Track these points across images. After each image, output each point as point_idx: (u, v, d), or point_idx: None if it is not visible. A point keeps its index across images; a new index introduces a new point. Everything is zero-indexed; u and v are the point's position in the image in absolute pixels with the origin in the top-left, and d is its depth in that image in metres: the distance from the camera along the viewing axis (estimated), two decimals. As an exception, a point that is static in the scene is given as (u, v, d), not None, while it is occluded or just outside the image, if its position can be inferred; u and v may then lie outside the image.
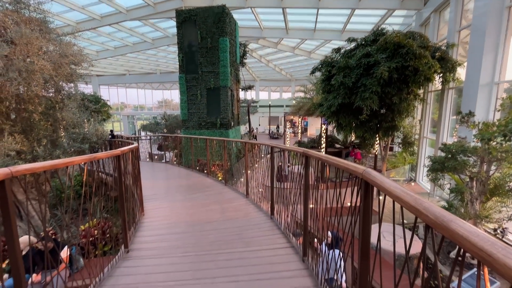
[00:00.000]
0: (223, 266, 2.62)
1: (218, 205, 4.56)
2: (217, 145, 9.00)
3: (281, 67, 27.92)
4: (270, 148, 3.69)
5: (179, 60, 12.01)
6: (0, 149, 5.35)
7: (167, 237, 3.32)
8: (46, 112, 6.25)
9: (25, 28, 5.40)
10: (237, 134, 13.63)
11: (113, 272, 2.50)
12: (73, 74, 6.51)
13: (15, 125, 5.97)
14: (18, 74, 5.03)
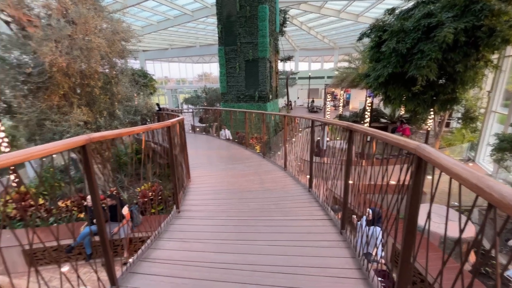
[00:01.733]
0: (263, 231, 2.81)
1: (257, 176, 4.75)
2: (256, 118, 9.09)
3: (324, 34, 25.84)
4: (310, 122, 3.61)
5: (218, 32, 11.93)
6: (72, 119, 6.22)
7: (211, 202, 3.64)
8: (104, 87, 6.93)
9: (82, 8, 5.86)
10: (275, 108, 13.51)
11: (168, 227, 2.87)
12: (124, 50, 6.99)
13: (81, 99, 6.80)
14: (80, 52, 5.60)
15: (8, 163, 1.10)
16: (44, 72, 5.80)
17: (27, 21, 6.12)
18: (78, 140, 1.50)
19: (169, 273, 2.14)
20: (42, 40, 5.48)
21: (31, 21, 6.12)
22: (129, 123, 7.94)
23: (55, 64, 5.52)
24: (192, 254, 2.39)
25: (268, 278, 2.03)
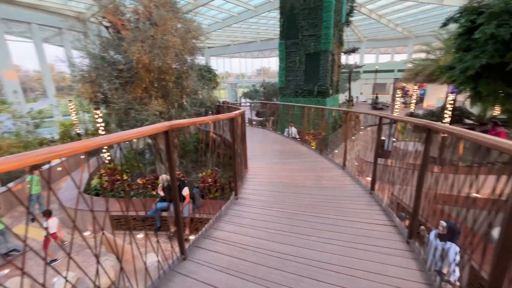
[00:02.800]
0: (318, 228, 2.76)
1: (313, 172, 4.65)
2: (314, 113, 8.84)
3: (397, 22, 23.08)
4: (378, 119, 3.32)
5: (280, 26, 11.90)
6: (150, 109, 7.20)
7: (266, 193, 3.74)
8: (176, 81, 7.75)
9: (163, 10, 6.64)
10: (335, 103, 12.84)
11: (227, 211, 3.09)
12: (194, 48, 7.66)
13: (158, 92, 7.78)
14: (159, 50, 6.38)
15: (118, 140, 1.36)
16: (132, 69, 6.83)
17: (121, 25, 7.26)
18: (162, 126, 1.73)
19: (228, 252, 2.31)
20: (131, 41, 6.45)
21: (124, 25, 7.24)
22: (194, 114, 8.73)
23: (140, 61, 6.43)
24: (248, 239, 2.52)
25: (323, 275, 2.00)
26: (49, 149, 1.14)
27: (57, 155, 1.16)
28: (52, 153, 1.14)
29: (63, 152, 1.17)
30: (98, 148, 1.31)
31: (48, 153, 1.13)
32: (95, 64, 7.39)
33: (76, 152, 1.23)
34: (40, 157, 1.09)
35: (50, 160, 1.12)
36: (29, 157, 1.06)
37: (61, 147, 1.18)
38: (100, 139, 1.33)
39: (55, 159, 1.12)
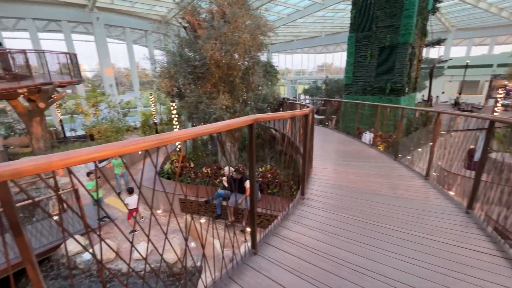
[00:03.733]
0: (396, 243, 2.43)
1: (387, 179, 4.16)
2: (391, 113, 7.96)
3: (503, 5, 18.83)
4: (487, 123, 2.71)
5: (351, 18, 11.05)
6: (218, 103, 7.63)
7: (334, 196, 3.50)
8: (243, 77, 8.00)
9: (235, 8, 6.89)
10: (411, 103, 11.32)
11: (294, 211, 3.01)
12: (262, 44, 7.74)
13: (225, 87, 8.19)
14: (230, 46, 6.65)
15: (212, 131, 1.40)
16: (205, 65, 7.34)
17: (197, 25, 7.85)
18: (248, 119, 1.74)
19: (297, 254, 2.23)
20: (206, 39, 6.90)
21: (200, 24, 7.80)
22: (257, 110, 8.90)
23: (213, 57, 6.84)
24: (318, 243, 2.38)
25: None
26: (158, 136, 1.23)
27: (164, 141, 1.25)
28: (160, 140, 1.23)
29: (169, 139, 1.26)
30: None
31: (157, 140, 1.22)
32: (174, 61, 8.21)
33: (179, 140, 1.31)
34: (151, 143, 1.19)
35: (159, 146, 1.21)
36: (144, 142, 1.16)
37: (167, 135, 1.26)
38: (197, 129, 1.39)
39: (162, 145, 1.21)
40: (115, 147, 1.09)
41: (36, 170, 0.89)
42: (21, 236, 0.93)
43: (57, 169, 0.93)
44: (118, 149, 1.10)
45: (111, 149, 1.07)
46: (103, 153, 1.04)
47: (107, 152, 1.06)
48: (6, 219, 0.90)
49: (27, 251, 0.95)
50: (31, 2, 14.27)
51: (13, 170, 0.84)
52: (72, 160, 0.95)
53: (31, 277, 0.99)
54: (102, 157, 1.05)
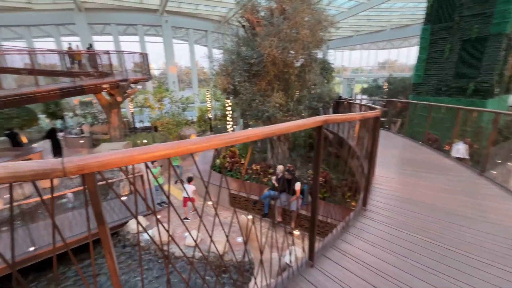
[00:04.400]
0: (491, 282, 1.95)
1: (472, 198, 3.46)
2: (466, 119, 6.74)
3: None
4: None
5: (427, 7, 9.68)
6: (272, 101, 7.57)
7: (401, 211, 3.06)
8: (299, 75, 7.74)
9: (296, 2, 6.67)
10: (502, 106, 9.38)
11: (354, 223, 2.71)
12: (321, 40, 7.35)
13: (280, 85, 8.06)
14: (288, 43, 6.48)
15: (280, 131, 1.29)
16: (261, 62, 7.34)
17: (256, 22, 7.89)
18: (318, 120, 1.57)
19: (359, 273, 1.97)
20: (264, 36, 6.87)
21: (259, 22, 7.82)
22: (310, 109, 8.54)
23: (270, 55, 6.78)
24: (385, 266, 2.08)
25: None
26: (229, 135, 1.18)
27: (235, 140, 1.19)
28: (232, 139, 1.17)
29: (239, 138, 1.20)
30: (224, 130, 1.30)
31: (228, 139, 1.16)
32: (231, 59, 8.45)
33: (249, 139, 1.24)
34: (223, 142, 1.14)
35: (233, 144, 1.16)
36: (216, 140, 1.12)
37: (238, 134, 1.20)
38: (263, 130, 1.29)
39: (236, 143, 1.16)
40: (188, 144, 1.07)
41: (120, 163, 0.91)
42: (103, 225, 0.97)
43: (137, 163, 0.94)
44: (191, 146, 1.07)
45: (184, 146, 1.05)
46: (178, 149, 1.03)
47: (181, 149, 1.04)
48: (92, 208, 0.95)
49: (107, 240, 0.99)
50: (115, 9, 16.53)
51: (100, 163, 0.86)
52: (151, 155, 0.95)
53: (108, 264, 1.03)
54: (176, 154, 1.04)
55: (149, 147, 0.94)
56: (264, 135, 1.27)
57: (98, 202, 0.92)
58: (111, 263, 1.02)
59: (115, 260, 1.03)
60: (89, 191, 0.90)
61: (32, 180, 0.79)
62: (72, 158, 0.83)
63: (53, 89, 8.49)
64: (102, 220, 0.96)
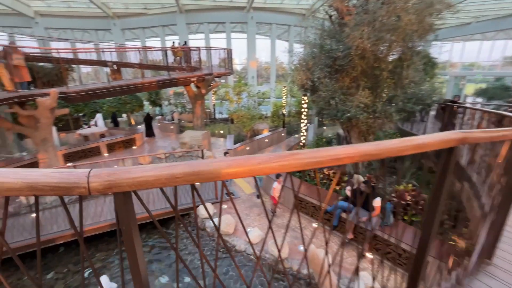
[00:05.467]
0: None
1: None
2: None
3: None
4: None
5: None
6: (355, 101, 6.65)
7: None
8: (393, 70, 6.51)
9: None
10: None
11: (468, 281, 1.90)
12: (431, 27, 5.91)
13: (367, 82, 7.00)
14: (385, 33, 5.45)
15: (381, 155, 0.81)
16: (347, 56, 6.50)
17: (346, 11, 7.02)
18: (450, 138, 1.00)
19: None
20: (355, 26, 6.01)
21: (349, 10, 6.93)
22: (403, 112, 7.14)
23: (359, 47, 5.89)
24: None
25: None
26: (323, 153, 0.80)
27: (331, 159, 0.80)
28: (317, 159, 0.79)
29: (335, 157, 0.80)
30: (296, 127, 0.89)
31: (318, 158, 0.79)
32: (313, 53, 7.86)
33: (348, 161, 0.83)
34: (308, 161, 0.77)
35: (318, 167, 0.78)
36: (295, 158, 0.76)
37: (331, 152, 0.81)
38: (371, 148, 0.85)
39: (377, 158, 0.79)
40: (278, 159, 0.75)
41: (157, 183, 0.67)
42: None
43: (178, 184, 0.68)
44: (281, 161, 0.75)
45: (225, 168, 0.74)
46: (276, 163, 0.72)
47: (224, 172, 0.73)
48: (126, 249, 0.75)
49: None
50: (208, 9, 18.11)
51: (133, 180, 0.63)
52: (195, 177, 0.68)
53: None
54: (275, 171, 0.74)
55: (232, 162, 0.67)
56: (372, 155, 0.84)
57: (132, 238, 0.71)
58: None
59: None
60: (118, 213, 0.69)
61: (53, 195, 0.62)
62: (101, 171, 0.63)
63: (154, 81, 9.89)
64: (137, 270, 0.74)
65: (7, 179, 0.58)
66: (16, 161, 8.85)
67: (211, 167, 0.70)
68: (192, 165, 0.68)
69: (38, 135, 7.56)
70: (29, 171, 0.59)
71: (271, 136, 12.88)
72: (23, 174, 0.59)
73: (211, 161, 0.71)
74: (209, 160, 0.71)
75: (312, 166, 0.81)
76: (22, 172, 0.59)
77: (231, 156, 7.93)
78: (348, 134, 8.59)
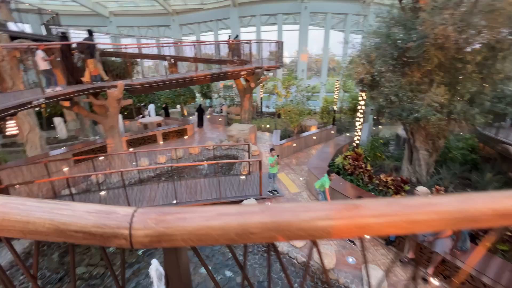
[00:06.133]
0: None
1: None
2: None
3: None
4: None
5: None
6: (427, 99, 5.68)
7: None
8: (483, 63, 5.34)
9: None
10: None
11: None
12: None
13: (444, 77, 5.91)
14: (480, 16, 4.43)
15: None
16: (421, 46, 5.55)
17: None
18: None
19: None
20: (434, 10, 5.06)
21: (427, -9, 5.88)
22: (491, 114, 5.87)
23: (439, 35, 4.94)
24: None
25: None
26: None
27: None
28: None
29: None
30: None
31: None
32: (376, 44, 7.00)
33: None
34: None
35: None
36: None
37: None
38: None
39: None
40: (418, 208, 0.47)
41: (221, 239, 0.45)
42: None
43: (327, 237, 0.44)
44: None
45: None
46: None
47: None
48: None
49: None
50: (261, 2, 17.87)
51: (190, 233, 0.43)
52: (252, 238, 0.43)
53: None
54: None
55: (283, 213, 0.42)
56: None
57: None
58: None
59: None
60: (168, 273, 0.49)
61: (86, 243, 0.45)
62: (149, 214, 0.44)
63: (207, 74, 10.18)
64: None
65: (32, 218, 0.42)
66: (91, 144, 10.14)
67: (301, 217, 0.45)
68: (273, 213, 0.44)
69: (107, 123, 8.48)
70: (60, 207, 0.43)
71: (320, 133, 12.21)
72: (51, 212, 0.43)
73: (301, 207, 0.46)
74: (298, 205, 0.47)
75: (461, 224, 0.50)
76: (51, 208, 0.43)
77: (276, 154, 7.62)
78: (412, 137, 7.52)
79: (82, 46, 8.20)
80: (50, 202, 0.45)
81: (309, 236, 0.45)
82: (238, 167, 9.70)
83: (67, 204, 0.45)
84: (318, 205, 0.47)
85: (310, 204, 0.47)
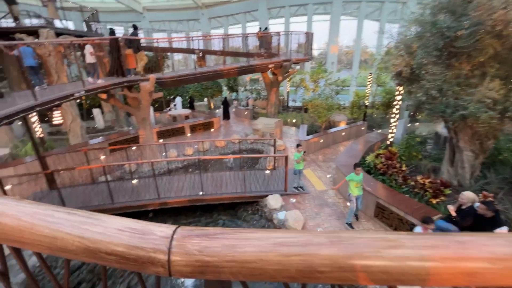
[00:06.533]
0: None
1: None
2: None
3: None
4: None
5: None
6: (477, 94, 5.08)
7: None
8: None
9: None
10: None
11: None
12: None
13: (499, 69, 5.23)
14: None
15: None
16: (473, 34, 4.94)
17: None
18: None
19: None
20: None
21: (484, -29, 5.17)
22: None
23: (498, 21, 4.34)
24: None
25: None
26: None
27: None
28: None
29: None
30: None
31: None
32: (418, 33, 6.39)
33: None
34: None
35: None
36: None
37: None
38: None
39: None
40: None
41: (283, 276, 0.35)
42: None
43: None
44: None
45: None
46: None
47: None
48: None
49: None
50: (291, -9, 17.32)
51: (239, 265, 0.33)
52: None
53: None
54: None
55: (359, 243, 0.31)
56: None
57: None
58: None
59: None
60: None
61: (119, 267, 0.38)
62: (193, 238, 0.36)
63: (234, 67, 10.16)
64: None
65: (60, 234, 0.36)
66: (125, 134, 10.74)
67: (385, 254, 0.33)
68: (347, 246, 0.34)
69: (139, 114, 8.88)
70: (91, 222, 0.37)
71: (349, 129, 11.66)
72: (81, 227, 0.36)
73: (384, 240, 0.35)
74: (379, 237, 0.35)
75: None
76: (80, 223, 0.37)
77: (302, 150, 7.40)
78: (455, 136, 6.83)
79: (130, 41, 8.50)
80: (80, 214, 0.39)
81: (395, 281, 0.34)
82: (263, 162, 9.65)
83: (98, 218, 0.39)
84: (407, 238, 0.35)
85: (395, 235, 0.36)
